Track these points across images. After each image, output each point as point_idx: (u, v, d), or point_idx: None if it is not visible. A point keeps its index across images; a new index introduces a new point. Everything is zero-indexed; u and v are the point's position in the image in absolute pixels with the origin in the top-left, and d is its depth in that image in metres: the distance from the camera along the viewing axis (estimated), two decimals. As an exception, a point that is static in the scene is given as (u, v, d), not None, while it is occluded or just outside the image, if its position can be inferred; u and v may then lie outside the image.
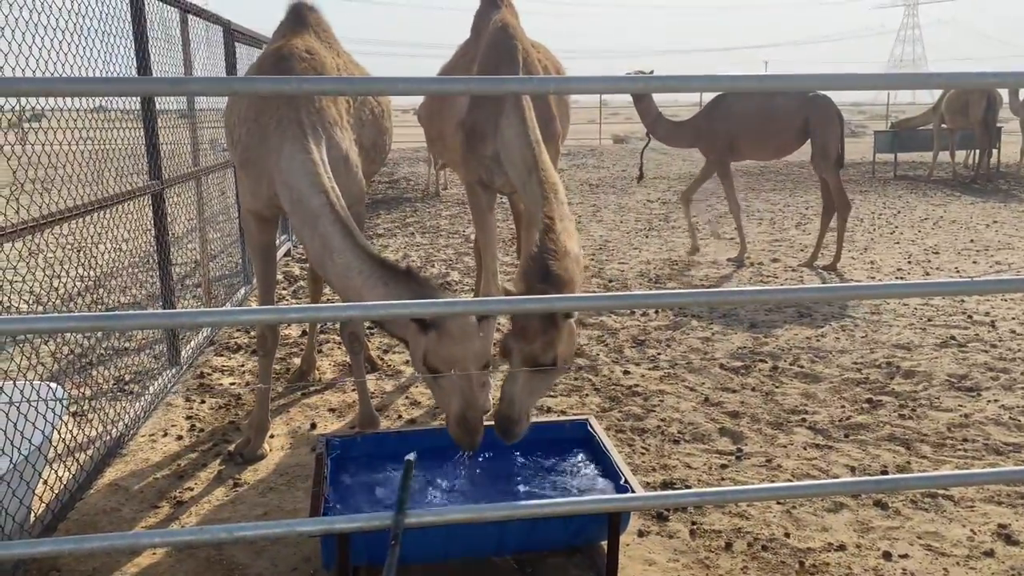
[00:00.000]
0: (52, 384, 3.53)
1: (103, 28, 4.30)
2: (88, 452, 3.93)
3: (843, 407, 4.84)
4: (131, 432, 4.40)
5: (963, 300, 7.04)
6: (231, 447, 4.26)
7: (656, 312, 6.83)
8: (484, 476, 3.62)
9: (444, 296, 3.41)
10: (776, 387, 5.18)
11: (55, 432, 3.37)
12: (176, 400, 4.97)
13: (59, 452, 3.61)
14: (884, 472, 4.00)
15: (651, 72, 8.71)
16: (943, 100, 16.71)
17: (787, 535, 3.42)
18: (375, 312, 3.02)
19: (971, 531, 3.45)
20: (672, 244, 10.17)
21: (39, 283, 3.99)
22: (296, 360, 5.63)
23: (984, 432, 4.45)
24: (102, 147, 4.34)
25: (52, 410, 3.31)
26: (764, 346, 6.00)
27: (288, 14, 4.63)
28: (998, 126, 16.77)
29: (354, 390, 4.77)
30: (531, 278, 3.35)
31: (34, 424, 3.15)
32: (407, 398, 4.98)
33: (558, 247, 3.47)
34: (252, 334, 6.05)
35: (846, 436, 4.43)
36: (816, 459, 4.16)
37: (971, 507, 3.65)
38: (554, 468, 3.68)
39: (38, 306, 4.80)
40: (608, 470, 3.51)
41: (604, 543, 3.14)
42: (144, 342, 5.76)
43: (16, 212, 3.21)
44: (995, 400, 4.89)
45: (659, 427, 4.56)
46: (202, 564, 3.23)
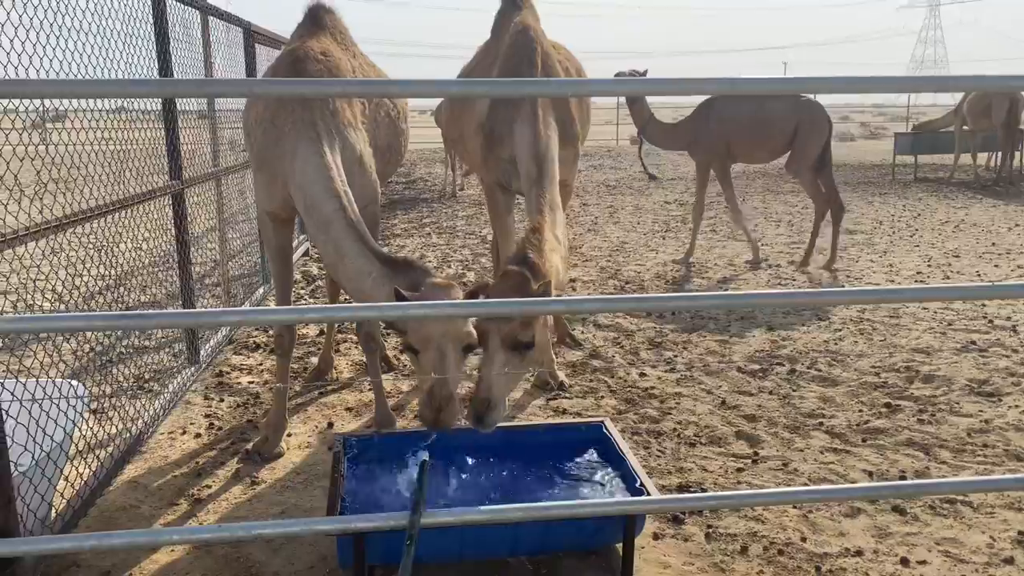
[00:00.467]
0: (74, 382, 3.57)
1: (125, 30, 4.35)
2: (108, 449, 3.97)
3: (861, 411, 4.81)
4: (150, 430, 4.45)
5: (984, 304, 6.97)
6: (249, 445, 4.29)
7: (673, 314, 6.81)
8: (499, 477, 3.63)
9: (432, 277, 3.46)
10: (793, 390, 5.16)
11: (76, 429, 3.41)
12: (195, 398, 5.02)
13: (80, 449, 3.66)
14: (902, 477, 3.97)
15: (645, 72, 8.69)
16: (965, 102, 16.56)
17: (803, 539, 3.41)
18: (391, 313, 3.03)
19: (990, 538, 3.42)
20: (688, 246, 10.12)
21: (61, 282, 4.04)
22: (314, 359, 5.67)
23: (1004, 438, 4.40)
24: (123, 147, 4.39)
25: (73, 407, 3.35)
26: (781, 349, 5.97)
27: (305, 16, 4.67)
28: (1020, 128, 16.58)
29: (371, 389, 4.80)
30: (508, 262, 3.48)
31: (56, 421, 3.19)
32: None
33: (540, 244, 3.57)
34: (270, 333, 6.09)
35: (864, 440, 4.40)
36: (833, 463, 4.14)
37: (991, 513, 3.61)
38: (569, 470, 3.68)
39: (60, 304, 4.86)
40: (623, 472, 3.51)
41: (619, 545, 3.15)
42: (164, 341, 5.81)
43: (40, 212, 3.24)
44: (1016, 406, 4.84)
45: (675, 430, 4.55)
46: (220, 561, 3.26)
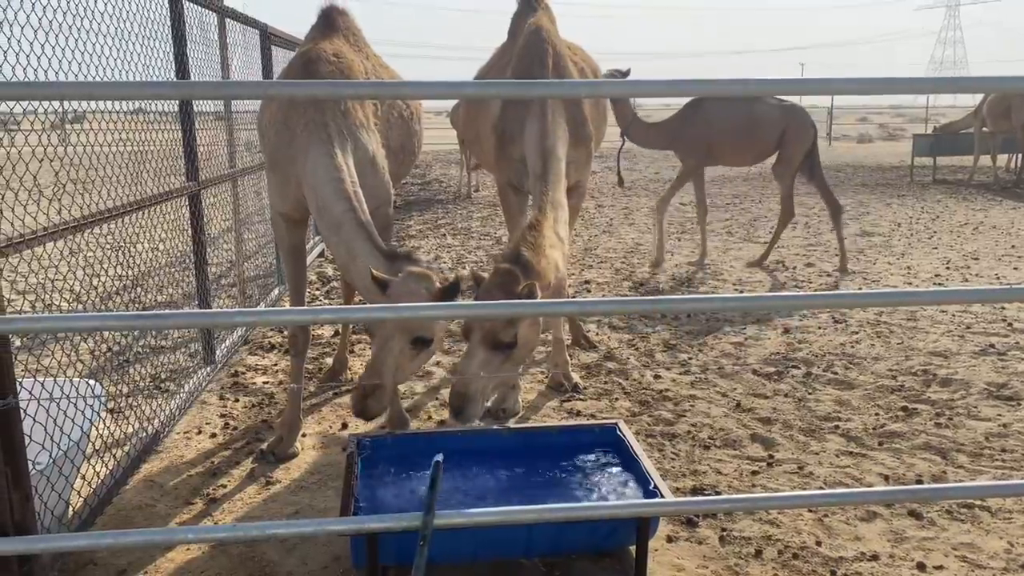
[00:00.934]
0: (91, 381, 3.61)
1: (143, 32, 4.38)
2: (125, 448, 4.01)
3: (877, 415, 4.77)
4: (166, 429, 4.48)
5: (1003, 307, 6.90)
6: (264, 445, 4.31)
7: (688, 316, 6.79)
8: (512, 478, 3.63)
9: (416, 265, 3.51)
10: (809, 393, 5.12)
11: (93, 428, 3.44)
12: (210, 398, 5.05)
13: (97, 448, 3.69)
14: (919, 481, 3.94)
15: (627, 71, 8.66)
16: (985, 103, 16.41)
17: (819, 543, 3.38)
18: (406, 314, 3.04)
19: (1008, 543, 3.38)
20: (705, 247, 10.08)
21: (79, 282, 4.08)
22: (328, 360, 5.69)
23: (1023, 442, 4.35)
24: (141, 149, 4.42)
25: (91, 407, 3.38)
26: (797, 352, 5.93)
27: (319, 18, 4.70)
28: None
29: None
30: (500, 259, 3.50)
31: (73, 420, 3.22)
32: (437, 399, 5.01)
33: (537, 240, 3.57)
34: (285, 334, 6.11)
35: (880, 444, 4.37)
36: (849, 467, 4.11)
37: (1009, 519, 3.58)
38: (583, 472, 3.67)
39: (78, 304, 4.90)
40: (637, 475, 3.50)
41: (633, 548, 3.13)
42: (180, 341, 5.85)
43: (58, 213, 3.28)
44: (1035, 410, 4.79)
45: (690, 432, 4.53)
46: (234, 560, 3.27)
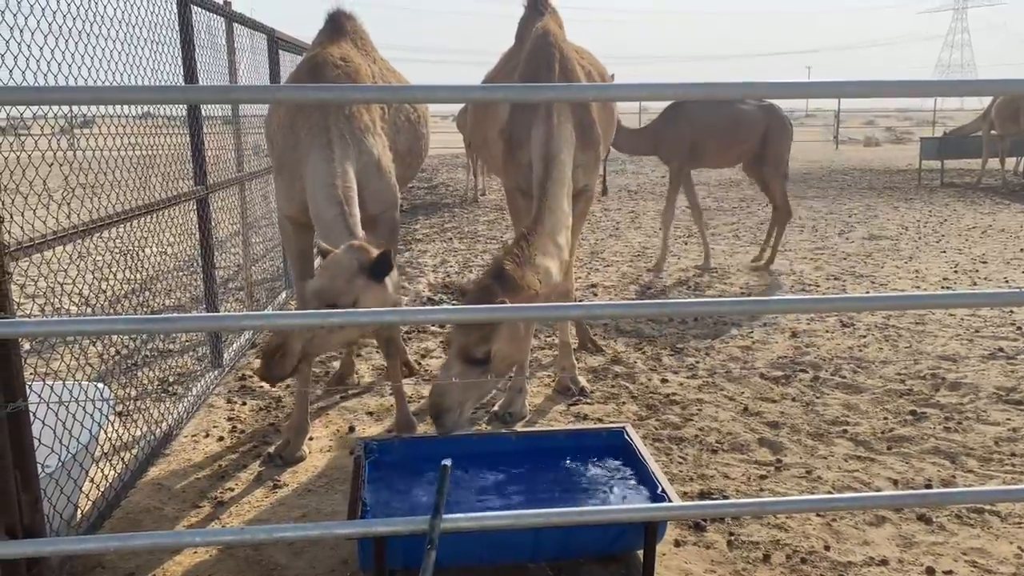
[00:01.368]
0: (99, 384, 3.61)
1: (152, 36, 4.40)
2: (133, 451, 4.02)
3: (886, 419, 4.75)
4: (174, 432, 4.49)
5: (1012, 311, 6.86)
6: (271, 449, 4.32)
7: (695, 320, 6.78)
8: (520, 482, 3.63)
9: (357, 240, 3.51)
10: (817, 397, 5.11)
11: (102, 431, 3.45)
12: (218, 401, 5.06)
13: (105, 451, 3.70)
14: (928, 486, 3.92)
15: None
16: (993, 106, 16.37)
17: (827, 548, 3.37)
18: (413, 318, 3.04)
19: (1018, 548, 3.36)
20: (711, 251, 10.07)
21: (88, 285, 4.09)
22: (335, 363, 5.69)
23: (1033, 447, 4.33)
24: (149, 153, 4.44)
25: (99, 410, 3.39)
26: (805, 356, 5.91)
27: (326, 22, 4.72)
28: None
29: (392, 394, 4.81)
30: (485, 274, 3.51)
31: (82, 423, 3.23)
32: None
33: (523, 254, 3.56)
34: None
35: (889, 448, 4.35)
36: (858, 471, 4.09)
37: (1019, 523, 3.56)
38: (590, 476, 3.67)
39: (86, 308, 4.92)
40: (645, 479, 3.49)
41: (640, 552, 3.13)
42: (188, 344, 5.87)
43: (67, 216, 3.29)
44: (1045, 414, 4.76)
45: (697, 436, 4.52)
46: (242, 564, 3.28)
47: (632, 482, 3.58)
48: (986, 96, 16.29)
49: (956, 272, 8.72)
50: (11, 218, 2.87)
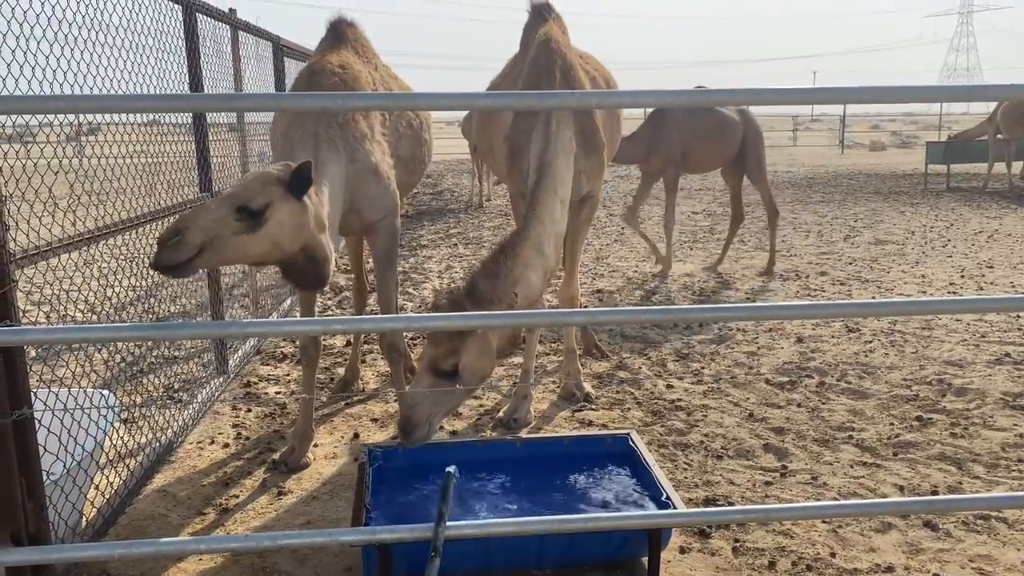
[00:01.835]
0: (104, 391, 3.63)
1: (157, 45, 4.42)
2: (138, 458, 4.02)
3: (892, 424, 4.74)
4: (179, 439, 4.49)
5: (1019, 316, 6.84)
6: (276, 456, 4.32)
7: (700, 325, 6.77)
8: (524, 489, 3.62)
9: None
10: (822, 403, 5.09)
11: (107, 438, 3.46)
12: (223, 408, 5.07)
13: (110, 458, 3.71)
14: (935, 492, 3.90)
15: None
16: (999, 110, 16.34)
17: (833, 555, 3.36)
18: (417, 324, 3.05)
19: (1026, 555, 3.35)
20: (716, 256, 10.07)
21: (93, 292, 4.11)
22: (340, 370, 5.70)
23: (1040, 453, 4.31)
24: (155, 160, 4.46)
25: (104, 417, 3.40)
26: (811, 361, 5.90)
27: (327, 31, 4.74)
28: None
29: (396, 400, 4.81)
30: (459, 290, 3.53)
31: (87, 430, 3.24)
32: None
33: (499, 268, 3.57)
34: (297, 344, 6.13)
35: (895, 454, 4.33)
36: (863, 477, 4.08)
37: (1026, 530, 3.54)
38: (595, 482, 3.66)
39: (92, 315, 4.94)
40: (649, 485, 3.49)
41: (645, 559, 3.12)
42: (193, 351, 5.88)
43: (73, 224, 3.31)
44: (1052, 420, 4.74)
45: (702, 442, 4.51)
46: (246, 570, 3.28)
47: (637, 489, 3.57)
48: (992, 101, 16.26)
49: (963, 277, 8.69)
50: (17, 226, 2.88)
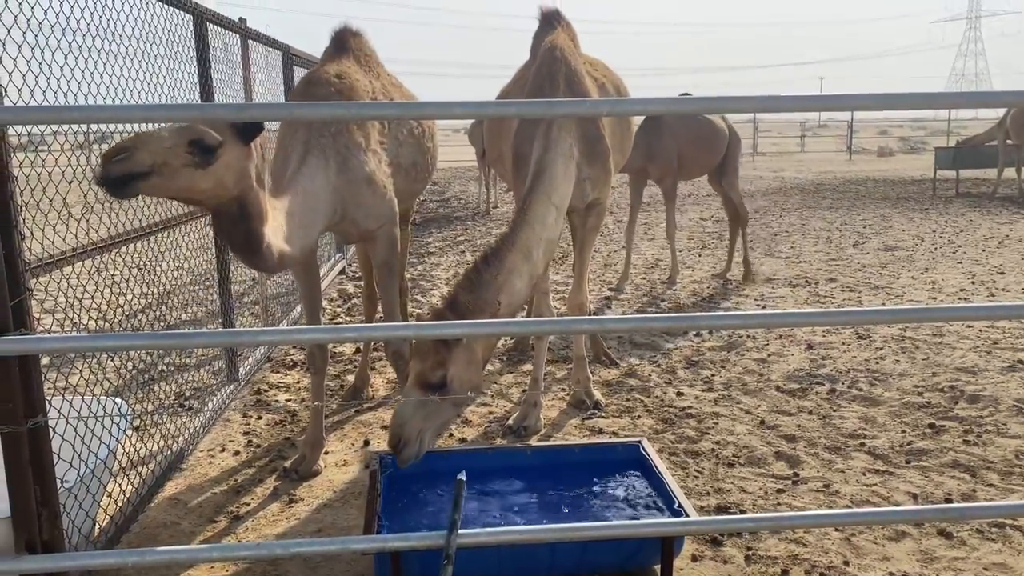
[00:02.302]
0: (117, 399, 3.64)
1: (169, 54, 4.45)
2: (150, 466, 4.04)
3: (904, 432, 4.71)
4: (190, 447, 4.51)
5: (1031, 322, 6.81)
6: (287, 463, 4.33)
7: (710, 333, 6.75)
8: (535, 497, 3.62)
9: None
10: (834, 410, 5.07)
11: (119, 446, 3.47)
12: (234, 416, 5.08)
13: (123, 466, 3.72)
14: (948, 500, 3.88)
15: None
16: (1009, 115, 16.29)
17: (846, 563, 3.34)
18: (428, 331, 3.05)
19: (1041, 564, 3.32)
20: (725, 263, 10.05)
21: (105, 300, 4.13)
22: (350, 377, 5.71)
23: (1054, 460, 4.29)
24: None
25: (117, 424, 3.41)
26: (821, 368, 5.88)
27: (330, 40, 4.76)
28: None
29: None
30: (442, 303, 3.57)
31: (100, 438, 3.25)
32: (459, 417, 5.00)
33: (481, 277, 3.58)
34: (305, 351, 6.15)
35: (907, 462, 4.31)
36: (876, 485, 4.06)
37: (1041, 538, 3.51)
38: (606, 490, 3.66)
39: (104, 322, 4.95)
40: (661, 493, 3.48)
41: (657, 567, 3.11)
42: (204, 359, 5.90)
43: (86, 233, 3.32)
44: (1066, 427, 4.71)
45: (713, 450, 4.50)
46: (258, 579, 3.28)
47: (648, 496, 3.56)
48: (1002, 107, 16.23)
49: (973, 283, 8.65)
50: (31, 235, 2.90)
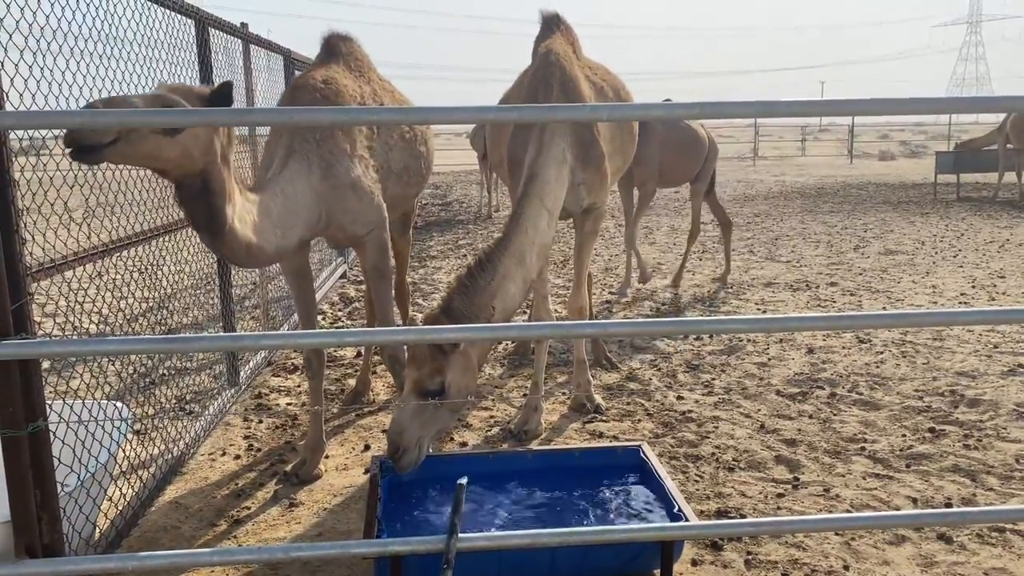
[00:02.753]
0: (118, 403, 3.64)
1: (170, 58, 4.46)
2: (150, 470, 4.04)
3: (904, 436, 4.71)
4: (191, 451, 4.51)
5: (1031, 326, 6.81)
6: (287, 467, 4.33)
7: (710, 336, 6.75)
8: (536, 501, 3.62)
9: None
10: (834, 414, 5.07)
11: (120, 450, 3.47)
12: (234, 420, 5.08)
13: (123, 470, 3.72)
14: (948, 504, 3.88)
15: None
16: (1009, 119, 16.30)
17: (846, 568, 3.34)
18: (430, 335, 3.05)
19: (1042, 568, 3.32)
20: (724, 268, 10.06)
21: (106, 304, 4.14)
22: (351, 381, 5.71)
23: (1055, 464, 4.28)
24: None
25: (117, 428, 3.41)
26: (821, 372, 5.88)
27: (321, 46, 4.76)
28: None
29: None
30: (436, 307, 3.58)
31: (100, 442, 3.26)
32: (459, 421, 5.00)
33: (475, 282, 3.60)
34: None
35: (908, 466, 4.31)
36: (876, 489, 4.06)
37: (1041, 543, 3.51)
38: (606, 494, 3.66)
39: (105, 326, 4.96)
40: (661, 497, 3.48)
41: (657, 571, 3.11)
42: (204, 362, 5.91)
43: (88, 237, 3.33)
44: (1066, 431, 4.70)
45: (713, 454, 4.50)
46: (258, 583, 3.28)
47: (648, 500, 3.57)
48: (1003, 112, 16.23)
49: (974, 287, 8.65)
50: (32, 239, 2.91)
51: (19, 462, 2.47)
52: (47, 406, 2.62)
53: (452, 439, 4.77)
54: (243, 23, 6.12)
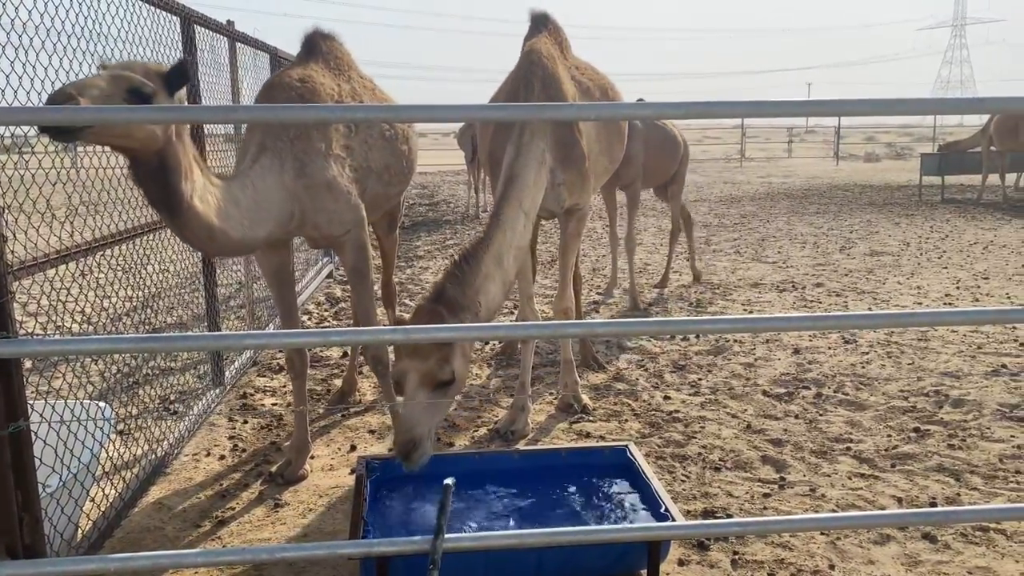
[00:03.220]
0: (100, 403, 3.61)
1: (155, 56, 4.42)
2: (134, 470, 4.00)
3: (889, 436, 4.74)
4: (175, 451, 4.47)
5: (1015, 328, 6.86)
6: (273, 468, 4.30)
7: (697, 337, 6.77)
8: (522, 501, 3.61)
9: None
10: (820, 415, 5.09)
11: (103, 450, 3.44)
12: (219, 420, 5.05)
13: (106, 470, 3.69)
14: (933, 504, 3.90)
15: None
16: (992, 122, 16.44)
17: (832, 567, 3.35)
18: (417, 335, 3.04)
19: (1025, 567, 3.34)
20: (713, 268, 10.10)
21: (90, 303, 4.10)
22: (337, 381, 5.69)
23: (1038, 464, 4.32)
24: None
25: (100, 429, 3.38)
26: (807, 372, 5.90)
27: (301, 44, 4.70)
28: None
29: (390, 413, 4.79)
30: (426, 297, 3.53)
31: (83, 442, 3.22)
32: (445, 421, 4.99)
33: (467, 275, 3.57)
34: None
35: (893, 466, 4.33)
36: (861, 489, 4.07)
37: (1025, 542, 3.54)
38: (593, 495, 3.66)
39: (88, 326, 4.92)
40: (648, 497, 3.48)
41: (644, 572, 3.11)
42: (189, 362, 5.87)
43: (70, 235, 3.30)
44: (1049, 431, 4.74)
45: (700, 454, 4.51)
46: (243, 584, 3.26)
47: (635, 501, 3.57)
48: (988, 113, 16.37)
49: (958, 288, 8.71)
50: (14, 237, 2.88)
51: (0, 463, 2.44)
52: (29, 406, 2.59)
53: (439, 439, 4.75)
54: (229, 21, 6.09)
